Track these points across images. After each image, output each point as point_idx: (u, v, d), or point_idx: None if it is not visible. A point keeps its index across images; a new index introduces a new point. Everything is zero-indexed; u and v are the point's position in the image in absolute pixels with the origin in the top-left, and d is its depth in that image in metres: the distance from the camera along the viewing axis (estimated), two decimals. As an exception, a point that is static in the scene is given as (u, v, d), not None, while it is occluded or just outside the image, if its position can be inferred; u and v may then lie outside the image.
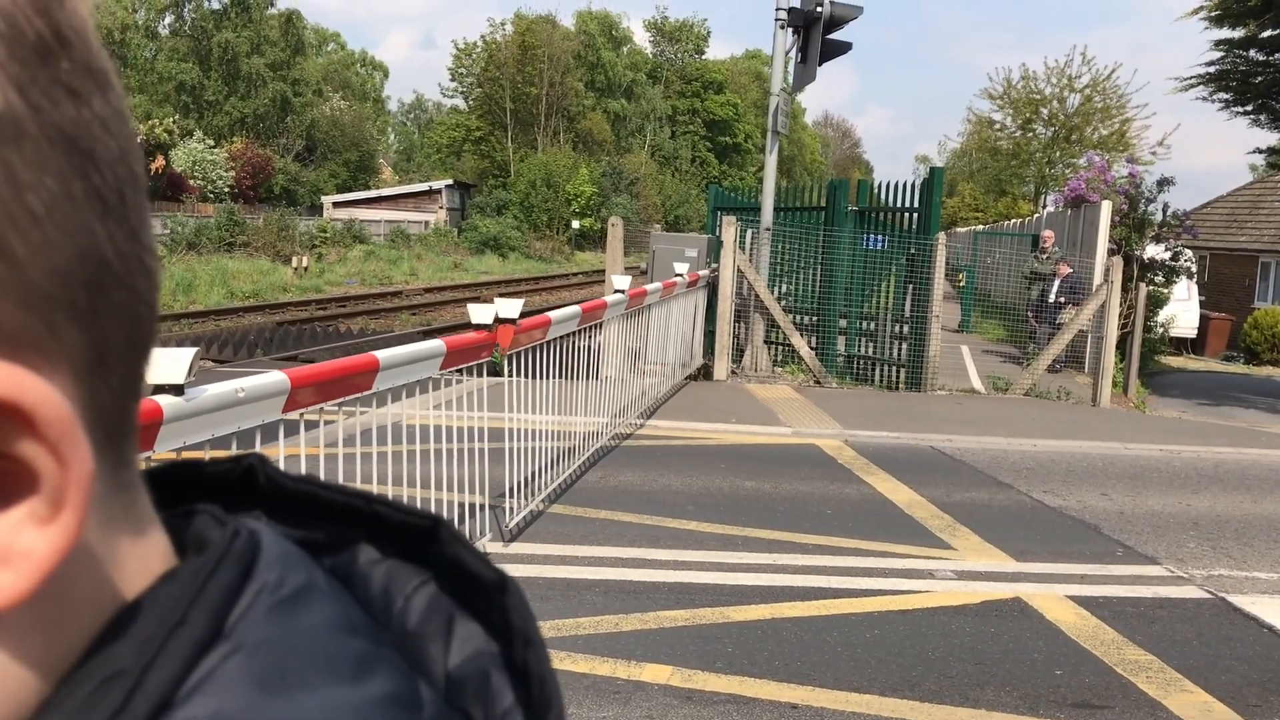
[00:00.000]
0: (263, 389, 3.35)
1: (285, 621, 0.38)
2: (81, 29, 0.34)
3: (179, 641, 0.36)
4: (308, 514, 0.45)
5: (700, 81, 76.66)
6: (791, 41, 12.67)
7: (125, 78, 4.79)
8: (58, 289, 0.32)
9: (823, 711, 4.07)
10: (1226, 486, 8.42)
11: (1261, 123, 21.38)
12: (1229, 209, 28.55)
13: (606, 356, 8.42)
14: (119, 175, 0.35)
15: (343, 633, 0.39)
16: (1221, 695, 4.42)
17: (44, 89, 0.32)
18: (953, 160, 60.75)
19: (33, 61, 0.32)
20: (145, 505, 0.39)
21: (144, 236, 0.36)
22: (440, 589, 0.43)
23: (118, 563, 0.37)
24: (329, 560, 0.44)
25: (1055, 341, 13.23)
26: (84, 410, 0.34)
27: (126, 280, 0.35)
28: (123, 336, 0.35)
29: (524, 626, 0.42)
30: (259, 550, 0.39)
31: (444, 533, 0.44)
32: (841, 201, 13.05)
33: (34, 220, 0.32)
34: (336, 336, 17.75)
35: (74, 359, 0.34)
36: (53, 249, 0.32)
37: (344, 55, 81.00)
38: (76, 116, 0.33)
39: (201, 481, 0.45)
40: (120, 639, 0.35)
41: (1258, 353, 23.15)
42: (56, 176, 0.32)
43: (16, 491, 0.32)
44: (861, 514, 6.91)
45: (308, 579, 0.40)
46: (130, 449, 0.38)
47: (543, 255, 43.88)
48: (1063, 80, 43.15)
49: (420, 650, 0.42)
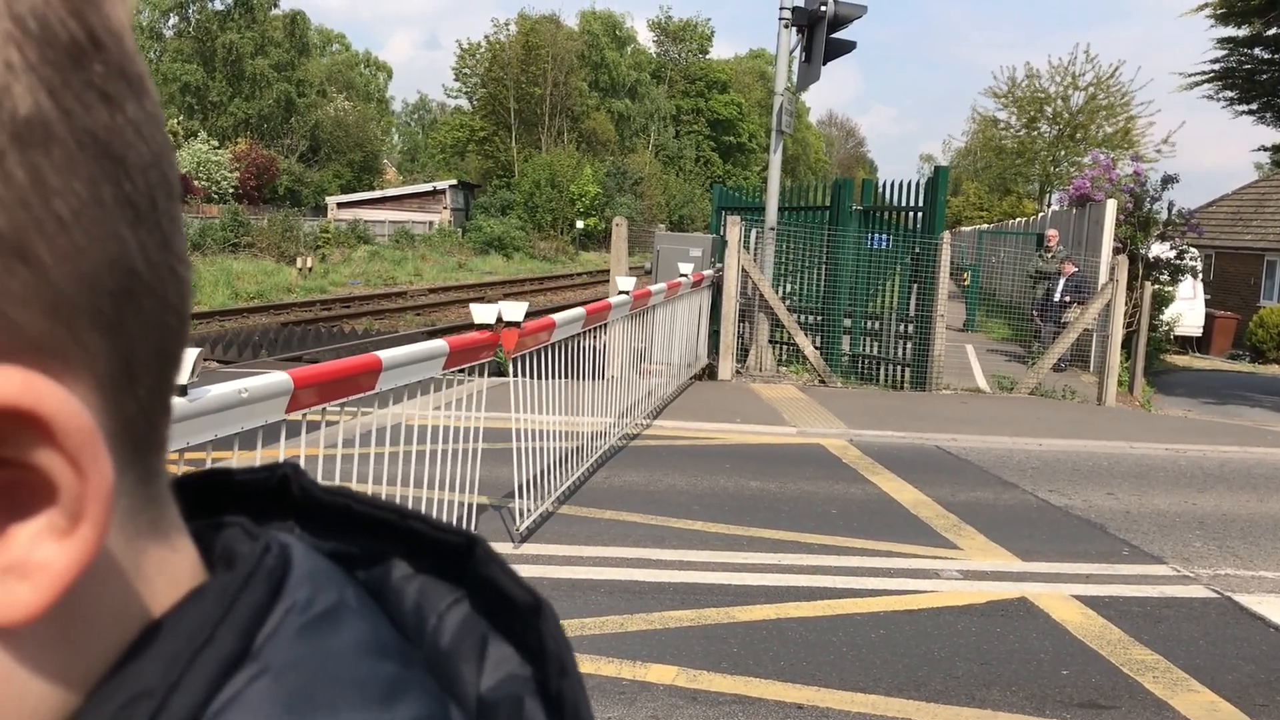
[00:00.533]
0: (266, 389, 3.35)
1: (314, 642, 0.37)
2: (117, 32, 0.33)
3: (205, 662, 0.35)
4: (340, 526, 0.44)
5: (704, 81, 76.66)
6: (795, 41, 12.67)
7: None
8: (84, 297, 0.32)
9: (828, 712, 4.06)
10: (1232, 485, 8.40)
11: (1267, 120, 21.36)
12: (1234, 207, 28.49)
13: (612, 357, 8.42)
14: (151, 181, 0.34)
15: (373, 655, 0.38)
16: (1228, 695, 4.40)
17: (76, 92, 0.31)
18: (957, 159, 60.65)
19: (65, 64, 0.31)
20: (174, 518, 0.38)
21: (176, 245, 0.36)
22: (473, 608, 0.42)
23: (144, 577, 0.36)
24: (362, 574, 0.43)
25: (1060, 340, 13.21)
26: (107, 421, 0.33)
27: (156, 289, 0.34)
28: (151, 347, 0.35)
29: (559, 653, 0.41)
30: (289, 566, 0.39)
31: (480, 552, 0.43)
32: (846, 201, 13.04)
33: (61, 226, 0.31)
34: (341, 337, 17.76)
35: (98, 369, 0.33)
36: (80, 256, 0.32)
37: (348, 56, 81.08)
38: (109, 121, 0.32)
39: (233, 490, 0.44)
40: (146, 657, 0.35)
41: (1263, 351, 23.10)
42: (86, 182, 0.32)
43: (34, 503, 0.32)
44: (866, 514, 6.90)
45: (338, 598, 0.39)
46: (159, 461, 0.37)
47: (547, 255, 43.87)
48: (1067, 78, 43.05)
49: (452, 671, 0.41)
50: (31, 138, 0.30)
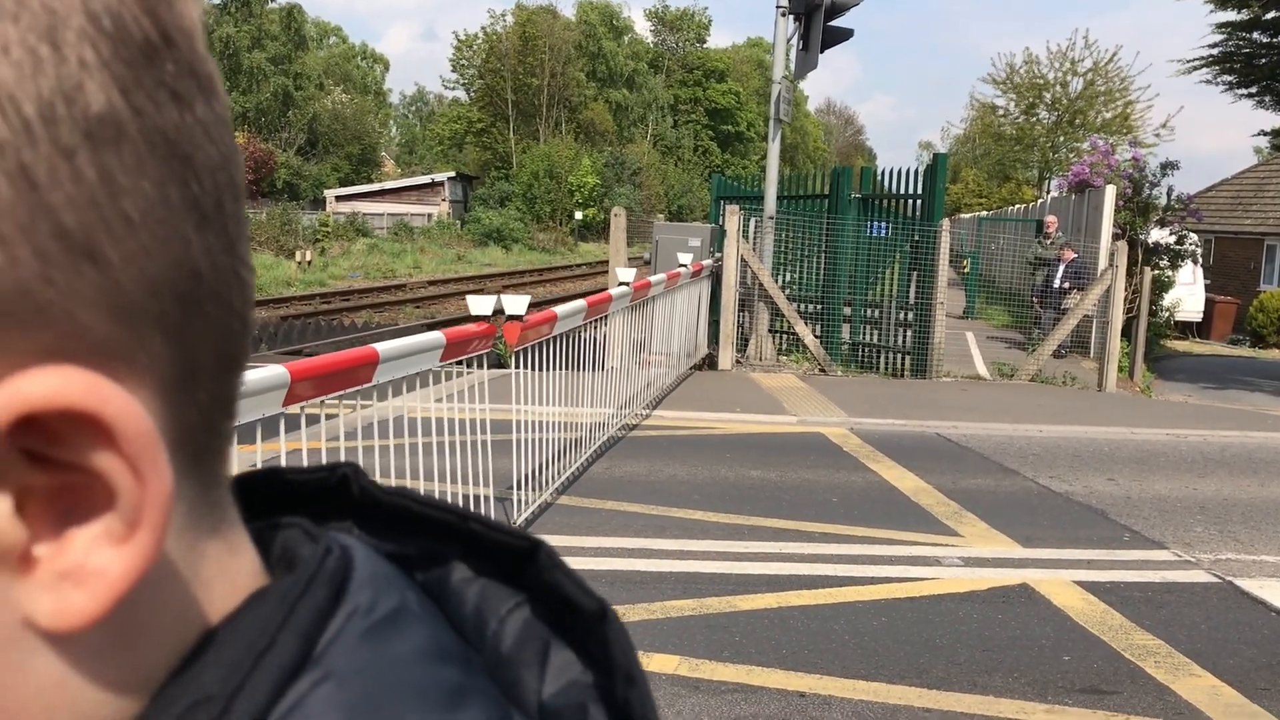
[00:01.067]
0: (262, 383, 3.34)
1: (377, 648, 0.36)
2: (189, 31, 0.33)
3: (267, 667, 0.34)
4: (399, 527, 0.43)
5: (702, 70, 76.48)
6: (793, 29, 12.63)
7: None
8: (149, 299, 0.31)
9: (830, 699, 4.06)
10: (1233, 470, 8.40)
11: (1266, 104, 21.31)
12: (1234, 192, 28.44)
13: (612, 348, 8.42)
14: (218, 183, 0.33)
15: (435, 660, 0.37)
16: (1230, 679, 4.41)
17: (148, 91, 0.31)
18: (956, 146, 60.58)
19: (138, 62, 0.31)
20: (234, 522, 0.38)
21: (240, 249, 0.35)
22: (534, 613, 0.41)
23: (204, 583, 0.35)
24: (421, 576, 0.42)
25: (1060, 327, 13.21)
26: (168, 427, 0.33)
27: (221, 294, 0.34)
28: (213, 351, 0.34)
29: (625, 662, 0.40)
30: (351, 569, 0.38)
31: (543, 556, 0.42)
32: (845, 189, 13.02)
33: (129, 226, 0.31)
34: (341, 330, 17.76)
35: (161, 373, 0.32)
36: (146, 257, 0.31)
37: (345, 48, 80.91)
38: (179, 121, 0.32)
39: (292, 490, 0.44)
40: (206, 663, 0.34)
41: (1263, 336, 23.09)
42: (154, 182, 0.31)
43: (92, 508, 0.31)
44: (867, 502, 6.90)
45: (400, 601, 0.38)
46: (221, 467, 0.37)
47: (546, 247, 43.83)
48: (1065, 64, 42.95)
49: (514, 676, 0.40)
50: (103, 136, 0.30)
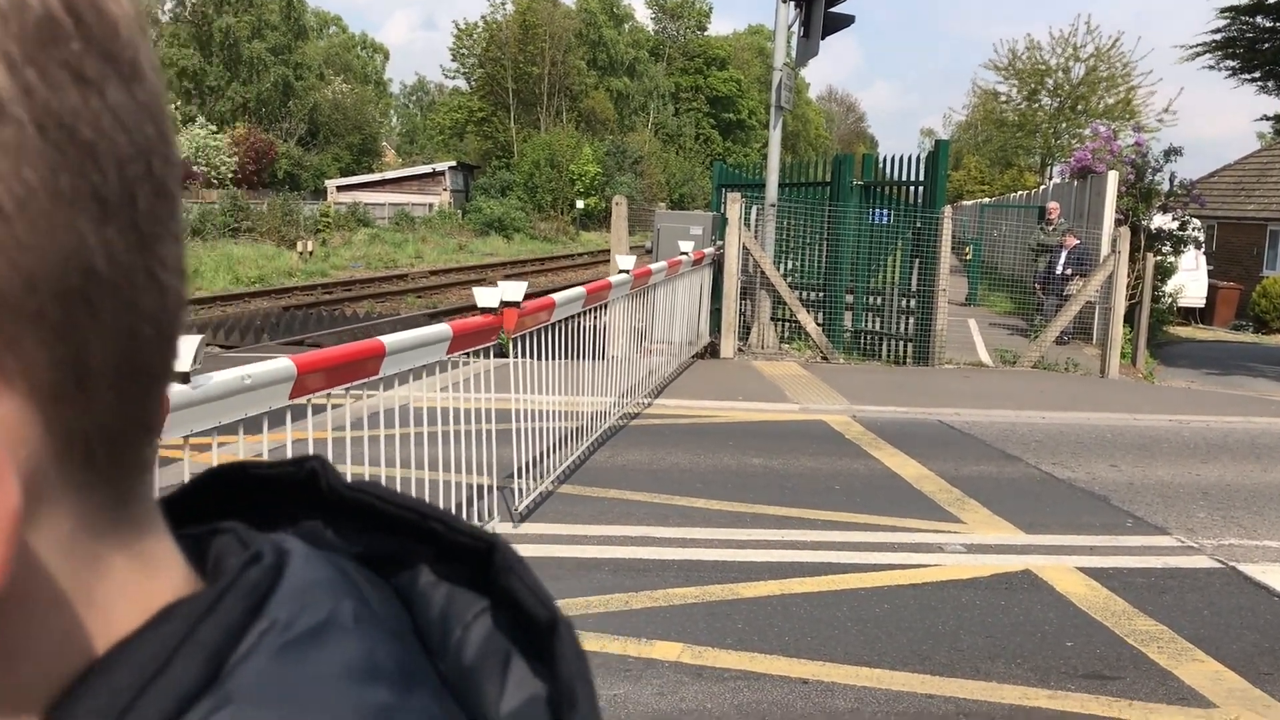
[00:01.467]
0: (270, 376, 3.35)
1: (290, 667, 0.33)
2: (106, 11, 0.30)
3: (157, 694, 0.31)
4: (369, 524, 0.40)
5: (703, 58, 76.27)
6: (794, 16, 12.59)
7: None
8: (21, 297, 0.28)
9: (833, 686, 4.08)
10: (1236, 455, 8.40)
11: (1269, 90, 21.25)
12: (1237, 177, 28.36)
13: (613, 336, 8.42)
14: (129, 175, 0.30)
15: (360, 679, 0.34)
16: (1233, 664, 4.42)
17: (42, 70, 0.28)
18: (958, 133, 60.43)
19: (32, 38, 0.28)
20: (156, 537, 0.35)
21: (160, 248, 0.32)
22: (495, 622, 0.39)
23: (98, 604, 0.32)
24: (394, 579, 0.39)
25: (1063, 313, 13.20)
26: (45, 437, 0.30)
27: (124, 294, 0.31)
28: (111, 357, 0.31)
29: (570, 682, 0.37)
30: (279, 580, 0.35)
31: (498, 559, 0.39)
32: (847, 176, 13.00)
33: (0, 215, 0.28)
34: (343, 320, 17.78)
35: (36, 379, 0.29)
36: (21, 250, 0.28)
37: (345, 38, 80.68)
38: (79, 105, 0.29)
39: (261, 485, 0.41)
40: (88, 693, 0.31)
41: (1266, 321, 23.07)
42: (39, 169, 0.28)
43: None
44: (870, 489, 6.91)
45: (328, 614, 0.35)
46: (133, 484, 0.34)
47: (548, 236, 43.77)
48: (1068, 50, 42.86)
49: (475, 688, 0.38)
50: None
